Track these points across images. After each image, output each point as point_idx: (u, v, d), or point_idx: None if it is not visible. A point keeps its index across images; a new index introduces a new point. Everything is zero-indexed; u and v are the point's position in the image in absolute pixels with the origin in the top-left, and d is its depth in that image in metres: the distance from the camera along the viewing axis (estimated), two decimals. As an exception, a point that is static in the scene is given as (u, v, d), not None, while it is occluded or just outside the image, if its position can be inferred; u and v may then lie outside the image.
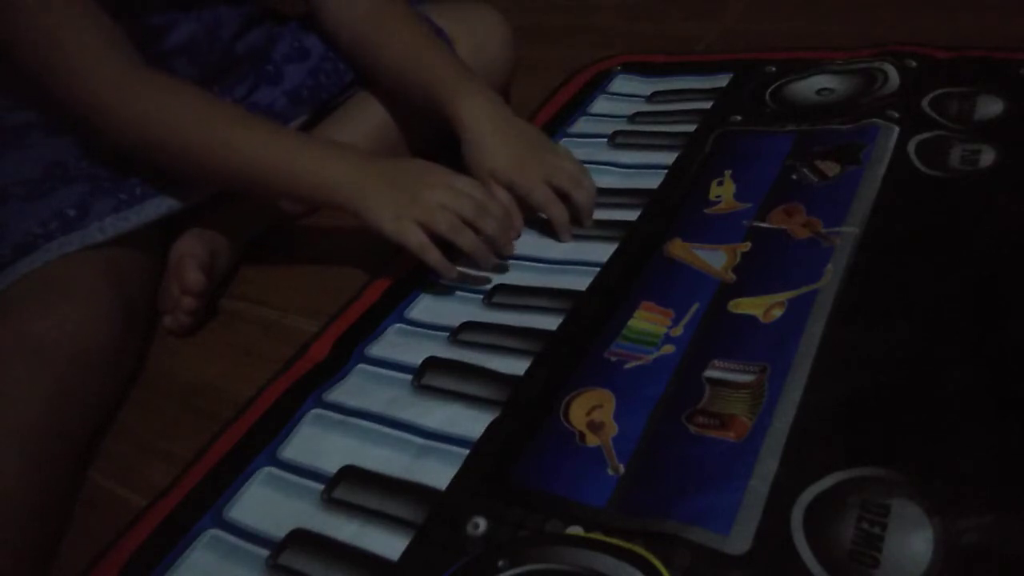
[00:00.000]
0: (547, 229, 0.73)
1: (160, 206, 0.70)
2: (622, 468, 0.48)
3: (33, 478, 0.54)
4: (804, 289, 0.57)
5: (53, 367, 0.58)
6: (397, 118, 0.84)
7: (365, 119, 0.84)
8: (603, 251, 0.68)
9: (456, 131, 0.73)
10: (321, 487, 0.53)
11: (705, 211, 0.69)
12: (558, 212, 0.71)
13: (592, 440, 0.51)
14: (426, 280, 0.70)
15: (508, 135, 0.72)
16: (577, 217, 0.72)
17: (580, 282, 0.65)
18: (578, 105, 0.92)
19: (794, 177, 0.69)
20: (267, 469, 0.55)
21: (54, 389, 0.57)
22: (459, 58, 0.78)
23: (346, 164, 0.67)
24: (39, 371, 0.57)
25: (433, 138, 0.88)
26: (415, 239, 0.64)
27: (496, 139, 0.71)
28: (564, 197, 0.71)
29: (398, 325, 0.66)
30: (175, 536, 0.52)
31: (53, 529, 0.56)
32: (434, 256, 0.65)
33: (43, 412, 0.56)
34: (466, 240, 0.66)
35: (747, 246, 0.63)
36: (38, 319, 0.60)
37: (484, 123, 0.72)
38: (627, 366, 0.56)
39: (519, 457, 0.51)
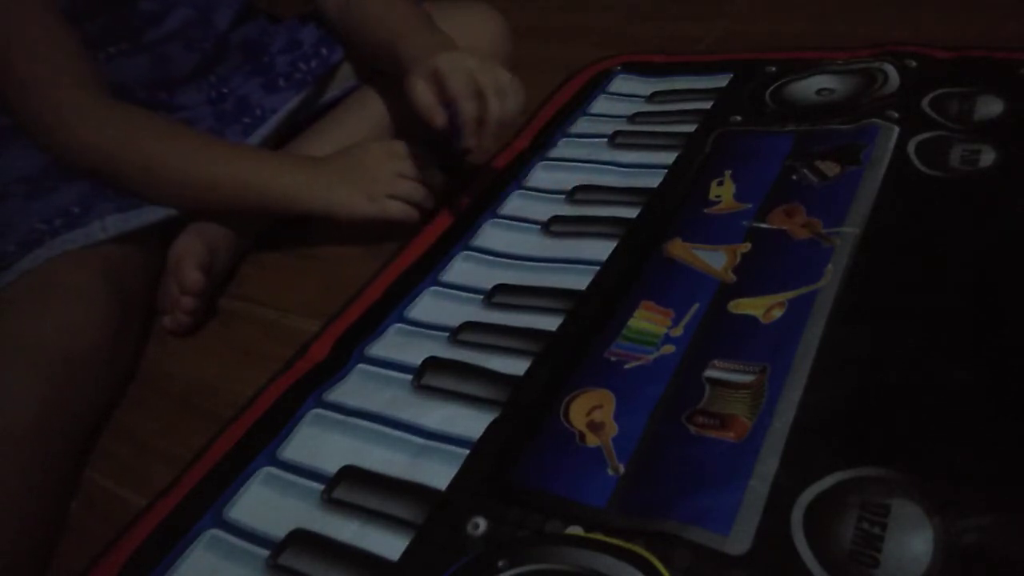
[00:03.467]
0: (547, 229, 0.73)
1: (159, 210, 0.71)
2: (622, 468, 0.48)
3: (30, 477, 0.54)
4: (804, 289, 0.57)
5: (49, 367, 0.58)
6: (395, 116, 0.84)
7: (363, 117, 0.84)
8: (603, 250, 0.68)
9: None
10: (321, 487, 0.53)
11: (705, 211, 0.68)
12: (469, 107, 0.66)
13: (592, 440, 0.51)
14: (426, 278, 0.70)
15: (451, 47, 0.69)
16: (481, 126, 0.68)
17: (580, 282, 0.65)
18: (578, 105, 0.92)
19: (794, 177, 0.69)
20: (267, 469, 0.55)
21: (50, 389, 0.57)
22: (428, 21, 0.76)
23: (301, 172, 0.72)
24: (35, 371, 0.57)
25: (433, 135, 0.88)
26: (397, 209, 0.73)
27: (439, 49, 0.69)
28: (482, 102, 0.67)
29: (398, 325, 0.66)
30: (175, 536, 0.52)
31: (51, 529, 0.56)
32: (413, 213, 0.74)
33: (40, 412, 0.56)
34: (420, 197, 0.74)
35: (747, 246, 0.63)
36: (35, 319, 0.60)
37: (432, 48, 0.69)
38: (627, 366, 0.56)
39: (519, 457, 0.51)
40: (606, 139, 0.84)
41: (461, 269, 0.71)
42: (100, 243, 0.67)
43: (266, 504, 0.53)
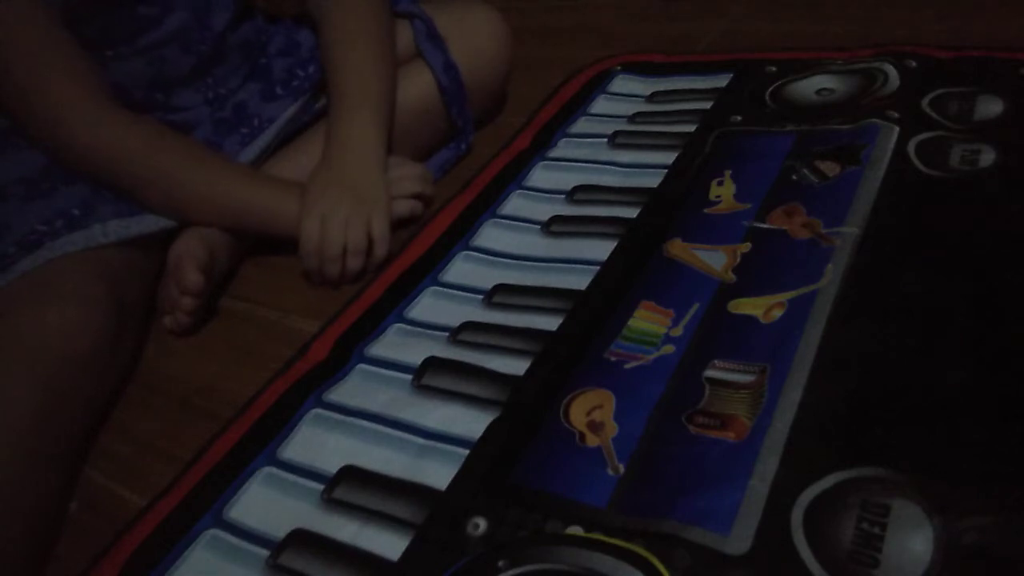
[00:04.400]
0: (547, 229, 0.73)
1: (160, 219, 0.71)
2: (622, 468, 0.48)
3: (28, 477, 0.54)
4: (804, 289, 0.57)
5: (48, 368, 0.58)
6: (395, 121, 0.84)
7: None
8: (603, 250, 0.68)
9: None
10: (321, 487, 0.53)
11: (705, 211, 0.68)
12: (309, 263, 0.72)
13: (592, 440, 0.51)
14: (426, 278, 0.70)
15: (334, 187, 0.73)
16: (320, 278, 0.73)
17: (580, 282, 0.65)
18: (578, 105, 0.92)
19: (794, 177, 0.69)
20: (267, 469, 0.55)
21: (47, 389, 0.57)
22: (379, 91, 0.79)
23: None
24: (32, 371, 0.57)
25: (431, 141, 0.88)
26: (404, 207, 0.79)
27: (322, 183, 0.74)
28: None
29: (398, 325, 0.66)
30: (175, 536, 0.52)
31: (49, 528, 0.56)
32: (416, 205, 0.81)
33: (37, 412, 0.56)
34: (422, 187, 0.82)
35: (747, 246, 0.63)
36: (32, 320, 0.60)
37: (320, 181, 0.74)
38: (627, 366, 0.56)
39: (519, 457, 0.51)
40: (606, 139, 0.84)
41: (461, 269, 0.71)
42: (100, 245, 0.67)
43: (266, 504, 0.53)
